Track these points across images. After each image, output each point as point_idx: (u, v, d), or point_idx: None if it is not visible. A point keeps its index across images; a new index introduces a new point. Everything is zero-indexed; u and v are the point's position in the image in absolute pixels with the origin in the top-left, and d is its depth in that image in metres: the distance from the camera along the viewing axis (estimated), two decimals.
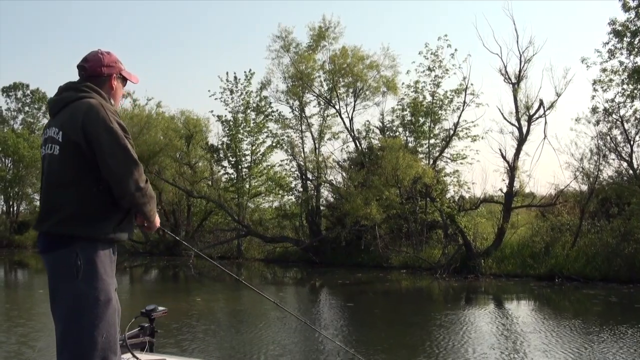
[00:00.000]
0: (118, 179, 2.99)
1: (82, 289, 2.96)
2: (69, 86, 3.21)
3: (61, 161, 3.03)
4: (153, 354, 4.36)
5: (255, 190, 31.55)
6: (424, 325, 11.82)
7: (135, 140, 21.77)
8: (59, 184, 3.04)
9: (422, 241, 23.87)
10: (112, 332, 3.03)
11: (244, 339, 10.47)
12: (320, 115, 28.24)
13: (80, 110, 3.02)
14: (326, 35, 26.55)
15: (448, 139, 25.38)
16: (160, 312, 4.61)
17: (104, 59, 3.24)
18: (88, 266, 2.97)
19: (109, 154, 2.95)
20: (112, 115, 3.03)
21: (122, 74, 3.32)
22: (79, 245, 2.97)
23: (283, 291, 18.78)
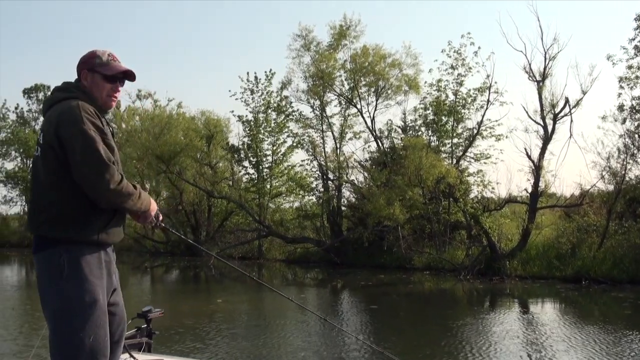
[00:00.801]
0: (88, 183, 2.96)
1: (67, 289, 2.96)
2: (59, 87, 3.24)
3: (42, 164, 3.04)
4: (151, 355, 4.44)
5: (276, 191, 31.47)
6: (450, 328, 11.52)
7: (156, 140, 22.00)
8: (41, 186, 3.06)
9: (445, 242, 23.56)
10: (101, 333, 3.01)
11: (267, 341, 10.26)
12: (342, 114, 28.05)
13: (56, 112, 3.03)
14: (347, 34, 26.33)
15: (471, 138, 25.04)
16: (157, 313, 4.68)
17: (82, 57, 3.23)
18: (72, 267, 2.96)
19: (79, 157, 2.92)
20: (87, 116, 2.98)
21: (95, 69, 3.20)
22: (64, 246, 2.98)
23: (304, 292, 18.58)
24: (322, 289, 19.86)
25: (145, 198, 3.20)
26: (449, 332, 11.05)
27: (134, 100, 37.07)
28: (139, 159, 30.51)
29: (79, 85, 3.18)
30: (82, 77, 3.20)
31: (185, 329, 11.23)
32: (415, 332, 11.60)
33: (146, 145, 29.16)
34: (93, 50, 3.26)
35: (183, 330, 11.08)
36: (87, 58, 3.22)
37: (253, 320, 12.74)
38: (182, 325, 11.48)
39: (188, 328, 11.32)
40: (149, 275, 24.91)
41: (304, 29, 26.83)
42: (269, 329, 11.62)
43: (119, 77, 3.27)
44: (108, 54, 3.26)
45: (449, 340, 10.32)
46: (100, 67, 3.19)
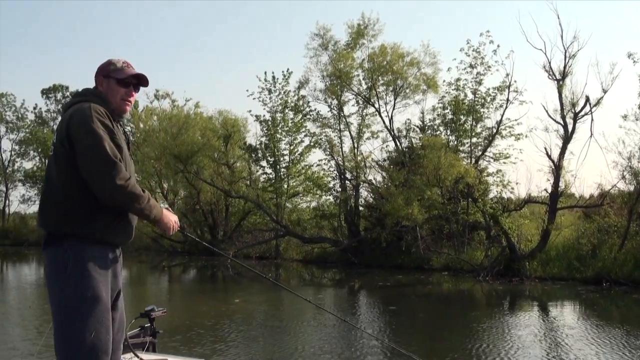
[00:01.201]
0: (93, 179, 3.04)
1: (70, 284, 3.03)
2: (77, 92, 3.45)
3: (54, 162, 3.16)
4: (154, 354, 4.48)
5: (293, 190, 31.42)
6: (471, 330, 11.37)
7: (173, 140, 22.01)
8: (51, 185, 3.16)
9: (463, 242, 23.36)
10: (102, 330, 3.07)
11: (285, 343, 10.16)
12: (359, 114, 27.94)
13: (70, 113, 3.16)
14: (365, 33, 26.23)
15: (491, 138, 24.80)
16: (160, 312, 4.72)
17: (99, 66, 3.40)
18: (76, 263, 3.04)
19: (85, 153, 3.03)
20: (97, 116, 3.10)
21: (110, 75, 3.36)
22: (69, 243, 3.06)
23: (322, 292, 18.48)
24: (340, 290, 19.75)
25: (156, 206, 3.26)
26: (470, 335, 10.90)
27: (151, 100, 37.26)
28: (156, 158, 30.61)
29: (95, 91, 3.33)
30: (99, 83, 3.35)
31: (205, 329, 11.19)
32: (435, 334, 11.45)
33: (164, 145, 29.24)
34: (109, 59, 3.41)
35: (203, 331, 11.03)
36: (104, 66, 3.38)
37: (271, 321, 12.64)
38: (202, 326, 11.44)
39: (208, 329, 11.27)
40: (166, 275, 24.95)
41: (322, 28, 26.79)
42: (287, 330, 11.53)
43: (132, 82, 3.40)
44: (123, 61, 3.40)
45: (469, 343, 10.17)
46: (114, 73, 3.34)
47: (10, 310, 14.04)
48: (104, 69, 3.36)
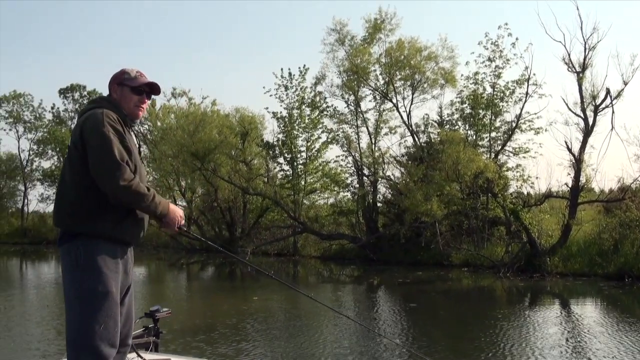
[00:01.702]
0: (100, 178, 3.20)
1: (81, 279, 3.20)
2: (91, 100, 3.64)
3: (68, 163, 3.35)
4: (158, 354, 4.54)
5: (310, 187, 31.37)
6: (494, 329, 11.14)
7: (190, 138, 21.99)
8: (65, 184, 3.35)
9: (483, 238, 23.13)
10: (111, 324, 3.22)
11: (304, 342, 10.00)
12: (376, 109, 27.78)
13: (84, 118, 3.36)
14: (382, 28, 26.03)
15: (510, 132, 24.56)
16: (164, 312, 4.78)
17: (113, 75, 3.58)
18: (87, 258, 3.21)
19: (94, 154, 3.21)
20: (109, 121, 3.28)
21: (124, 83, 3.53)
22: (81, 239, 3.24)
23: (340, 290, 18.35)
24: (359, 287, 19.60)
25: (162, 202, 3.40)
26: (492, 333, 10.68)
27: (168, 98, 37.29)
28: (174, 156, 30.65)
29: (108, 98, 3.53)
30: (113, 91, 3.54)
31: (227, 328, 11.07)
32: (457, 332, 11.21)
33: (181, 143, 29.26)
34: (123, 68, 3.60)
35: (226, 330, 10.90)
36: (118, 75, 3.56)
37: (290, 320, 12.47)
38: (223, 325, 11.32)
39: (230, 327, 11.14)
40: (185, 272, 24.92)
41: (339, 23, 26.63)
42: (306, 328, 11.36)
43: (145, 90, 3.59)
44: (136, 71, 3.60)
45: (492, 342, 9.95)
46: (128, 81, 3.53)
47: (30, 310, 14.04)
48: (117, 78, 3.55)
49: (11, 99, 44.24)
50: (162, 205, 3.39)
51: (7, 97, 44.29)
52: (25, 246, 38.67)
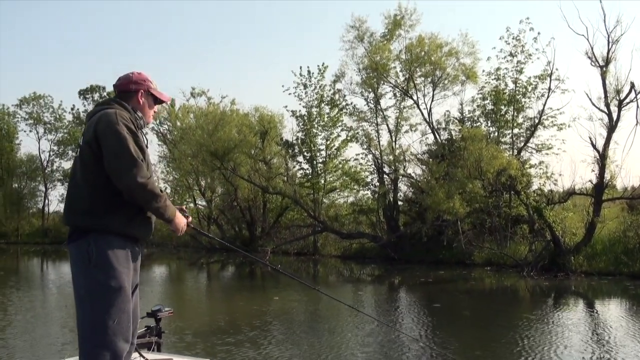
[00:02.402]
0: (116, 175, 3.24)
1: (94, 274, 3.23)
2: (101, 102, 3.73)
3: (80, 161, 3.38)
4: (160, 354, 4.54)
5: (330, 186, 31.24)
6: (520, 330, 10.85)
7: (210, 137, 21.96)
8: (76, 182, 3.39)
9: (506, 237, 22.78)
10: (124, 319, 3.27)
11: (326, 343, 9.81)
12: (397, 107, 27.50)
13: (97, 117, 3.40)
14: (402, 24, 25.74)
15: (533, 128, 24.17)
16: (166, 312, 4.78)
17: (133, 77, 3.64)
18: (100, 254, 3.24)
19: (110, 152, 3.25)
20: (123, 120, 3.34)
21: (150, 91, 3.67)
22: (92, 236, 3.26)
23: (361, 289, 18.12)
24: (380, 286, 19.38)
25: (170, 206, 3.46)
26: (518, 334, 10.40)
27: (187, 98, 37.29)
28: (193, 156, 30.64)
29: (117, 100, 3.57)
30: (139, 96, 3.61)
31: (252, 328, 10.90)
32: (482, 333, 10.92)
33: (200, 142, 29.23)
34: (141, 73, 3.70)
35: (250, 331, 10.73)
36: (142, 80, 3.65)
37: (312, 321, 12.25)
38: (251, 326, 11.14)
39: (255, 328, 10.96)
40: (205, 272, 24.86)
41: (357, 20, 26.38)
42: (328, 330, 11.11)
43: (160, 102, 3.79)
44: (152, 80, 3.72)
45: (518, 343, 9.66)
46: (155, 92, 3.69)
47: (51, 310, 14.02)
48: (143, 84, 3.64)
49: (31, 100, 44.58)
50: (171, 210, 3.46)
51: (27, 98, 44.65)
52: (45, 246, 38.91)
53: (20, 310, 13.76)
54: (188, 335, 10.22)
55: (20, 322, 12.16)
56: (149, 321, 4.69)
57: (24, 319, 12.47)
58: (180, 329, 10.51)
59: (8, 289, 17.82)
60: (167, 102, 3.87)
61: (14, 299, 15.91)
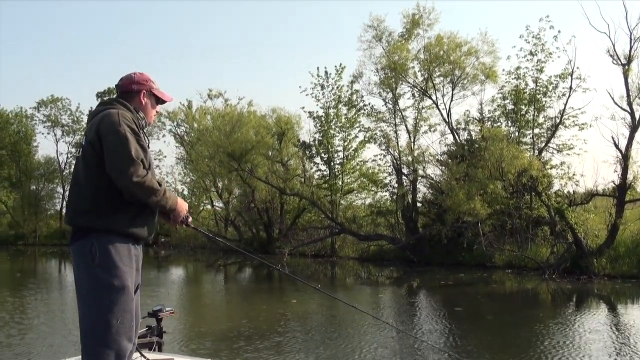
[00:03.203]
0: (115, 175, 3.26)
1: (98, 274, 3.23)
2: (102, 102, 3.71)
3: (82, 161, 3.40)
4: (161, 354, 4.55)
5: (348, 187, 31.07)
6: (545, 334, 10.53)
7: (227, 138, 21.88)
8: (78, 182, 3.40)
9: (527, 239, 22.41)
10: (128, 318, 3.27)
11: (336, 347, 9.58)
12: (415, 107, 27.23)
13: (99, 117, 3.42)
14: (420, 23, 25.48)
15: (554, 128, 23.79)
16: (167, 312, 4.79)
17: (135, 77, 3.67)
18: (103, 253, 3.24)
19: (111, 151, 3.27)
20: (125, 120, 3.37)
21: (152, 91, 3.70)
22: (95, 235, 3.27)
23: (381, 292, 17.88)
24: (399, 289, 19.09)
25: (171, 196, 3.47)
26: (544, 340, 10.08)
27: (205, 100, 37.29)
28: (210, 157, 30.59)
29: (119, 100, 3.59)
30: (141, 96, 3.64)
31: (274, 332, 10.70)
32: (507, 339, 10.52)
33: (217, 144, 29.19)
34: (143, 74, 3.73)
35: (275, 334, 10.54)
36: (144, 80, 3.68)
37: (329, 325, 11.96)
38: (273, 330, 10.93)
39: (276, 333, 10.74)
40: (222, 274, 24.75)
41: (375, 19, 26.16)
42: (342, 335, 10.85)
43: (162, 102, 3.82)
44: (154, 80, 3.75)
45: (545, 350, 9.38)
46: (157, 92, 3.72)
47: (68, 311, 13.90)
48: (146, 84, 3.67)
49: (49, 103, 44.74)
50: (172, 200, 3.48)
51: (45, 101, 44.84)
52: (63, 247, 38.92)
53: (37, 311, 13.74)
54: (206, 337, 10.05)
55: (37, 322, 12.08)
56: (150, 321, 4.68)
57: (40, 320, 12.39)
58: (199, 331, 10.35)
59: (26, 291, 17.81)
60: (169, 101, 3.88)
61: (31, 300, 15.87)
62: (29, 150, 45.65)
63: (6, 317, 12.38)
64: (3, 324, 11.55)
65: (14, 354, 9.10)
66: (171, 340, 9.75)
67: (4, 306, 13.95)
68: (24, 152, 44.77)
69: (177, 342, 9.77)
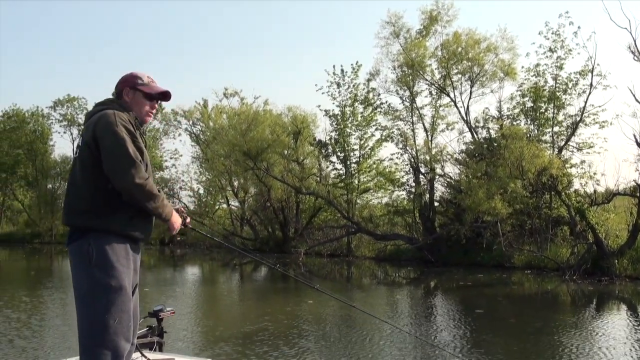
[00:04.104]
0: (115, 175, 3.26)
1: (95, 274, 3.24)
2: (100, 102, 3.66)
3: (79, 162, 3.40)
4: (162, 354, 4.54)
5: (364, 186, 30.87)
6: (570, 338, 10.20)
7: (243, 137, 21.72)
8: (75, 183, 3.41)
9: (546, 239, 22.03)
10: (125, 318, 3.28)
11: (349, 352, 9.34)
12: (432, 105, 26.93)
13: (95, 118, 3.42)
14: (439, 19, 25.19)
15: (574, 126, 23.40)
16: (168, 312, 4.79)
17: (124, 76, 3.67)
18: (100, 254, 3.25)
19: (110, 152, 3.27)
20: (121, 121, 3.36)
21: (137, 87, 3.62)
22: (92, 235, 3.28)
23: (398, 293, 17.61)
24: (416, 289, 18.82)
25: (168, 206, 3.47)
26: (570, 345, 9.78)
27: (220, 99, 37.23)
28: (226, 156, 30.48)
29: (118, 100, 3.60)
30: (124, 94, 3.60)
31: (288, 335, 10.50)
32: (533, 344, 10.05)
33: (233, 142, 29.06)
34: (133, 72, 3.69)
35: (287, 336, 10.33)
36: (129, 77, 3.65)
37: (341, 328, 11.68)
38: (286, 332, 10.71)
39: (289, 335, 10.54)
40: (237, 273, 24.62)
41: (393, 16, 25.90)
42: (361, 339, 10.61)
43: (156, 97, 3.71)
44: (147, 76, 3.70)
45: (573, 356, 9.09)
46: (142, 87, 3.63)
47: None
48: (129, 81, 3.63)
49: (65, 102, 44.92)
50: (168, 210, 3.48)
51: (61, 100, 45.04)
52: None
53: (51, 309, 13.69)
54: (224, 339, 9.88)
55: (51, 321, 12.06)
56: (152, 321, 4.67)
57: (54, 319, 12.36)
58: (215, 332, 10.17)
59: (42, 290, 17.75)
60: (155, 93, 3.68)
61: (46, 298, 15.79)
62: (45, 150, 45.86)
63: (22, 317, 12.28)
64: (20, 325, 11.43)
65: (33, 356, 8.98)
66: (184, 341, 9.60)
67: (19, 306, 13.85)
68: (40, 151, 45.02)
69: (189, 343, 9.61)
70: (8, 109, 45.77)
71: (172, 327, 10.09)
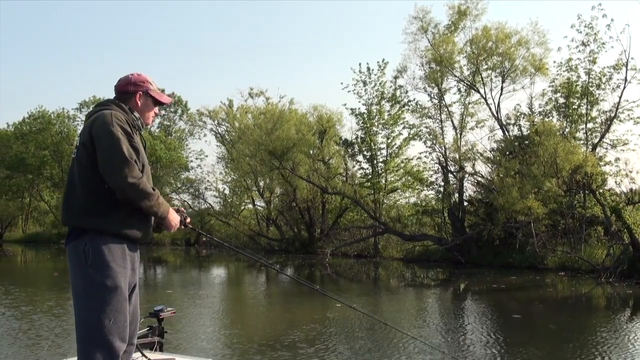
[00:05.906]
0: (108, 174, 3.28)
1: (90, 274, 3.27)
2: (98, 103, 3.75)
3: (76, 162, 3.44)
4: (162, 354, 4.54)
5: (391, 186, 30.44)
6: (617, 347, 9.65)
7: (268, 136, 21.39)
8: (72, 183, 3.43)
9: (580, 239, 21.33)
10: (120, 318, 3.28)
11: None
12: (462, 102, 26.34)
13: (92, 118, 3.46)
14: (467, 13, 24.62)
15: (608, 123, 22.67)
16: (168, 312, 4.78)
17: (132, 78, 3.68)
18: (96, 254, 3.27)
19: (104, 152, 3.30)
20: (117, 121, 3.37)
21: (149, 93, 3.69)
22: (88, 236, 3.30)
23: (429, 295, 17.06)
24: (446, 292, 18.25)
25: (163, 204, 3.47)
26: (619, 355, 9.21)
27: (246, 98, 37.07)
28: (251, 155, 30.25)
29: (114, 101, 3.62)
30: (137, 97, 3.65)
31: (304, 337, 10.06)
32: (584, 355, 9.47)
33: (258, 142, 28.82)
34: (141, 75, 3.73)
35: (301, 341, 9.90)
36: (141, 82, 3.68)
37: (349, 329, 11.21)
38: (304, 336, 10.29)
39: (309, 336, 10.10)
40: (263, 274, 24.26)
41: (421, 10, 25.45)
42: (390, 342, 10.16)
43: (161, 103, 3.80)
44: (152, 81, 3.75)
45: None
46: (154, 93, 3.73)
47: None
48: (142, 86, 3.68)
49: (90, 104, 45.32)
50: (164, 208, 3.47)
51: (87, 102, 45.48)
52: None
53: (70, 311, 13.38)
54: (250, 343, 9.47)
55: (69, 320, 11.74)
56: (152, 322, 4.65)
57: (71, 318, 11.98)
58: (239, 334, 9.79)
59: (64, 292, 17.53)
60: (167, 103, 3.96)
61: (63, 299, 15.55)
62: (71, 151, 46.09)
63: (42, 319, 12.04)
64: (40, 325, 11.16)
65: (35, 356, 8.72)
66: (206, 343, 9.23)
67: (40, 306, 13.61)
68: (66, 152, 45.35)
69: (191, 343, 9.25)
70: (34, 111, 46.24)
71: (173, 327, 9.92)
